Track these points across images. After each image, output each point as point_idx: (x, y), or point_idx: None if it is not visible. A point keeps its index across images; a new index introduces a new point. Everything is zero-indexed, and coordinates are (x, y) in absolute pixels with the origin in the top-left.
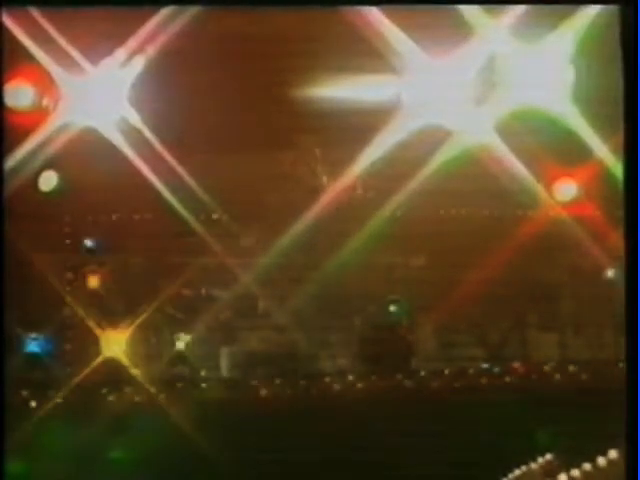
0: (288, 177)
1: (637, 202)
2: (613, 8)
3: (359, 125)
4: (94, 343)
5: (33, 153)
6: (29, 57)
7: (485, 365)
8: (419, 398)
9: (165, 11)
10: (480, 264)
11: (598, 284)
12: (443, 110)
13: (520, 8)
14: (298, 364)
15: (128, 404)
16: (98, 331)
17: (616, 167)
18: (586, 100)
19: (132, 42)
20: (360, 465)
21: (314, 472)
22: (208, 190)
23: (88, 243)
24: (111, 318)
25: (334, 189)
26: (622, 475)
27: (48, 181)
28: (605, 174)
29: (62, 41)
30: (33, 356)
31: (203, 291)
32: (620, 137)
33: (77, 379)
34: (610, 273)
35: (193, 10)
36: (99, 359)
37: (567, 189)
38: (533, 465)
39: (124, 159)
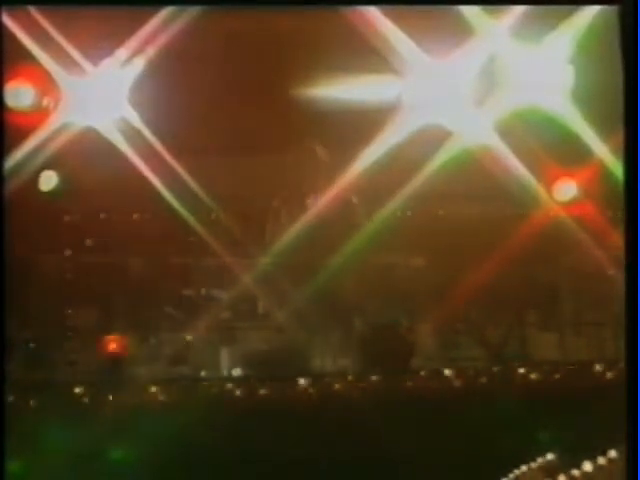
0: (289, 177)
1: (637, 202)
2: (613, 8)
3: (358, 125)
4: (94, 343)
5: (33, 153)
6: (29, 57)
7: (485, 365)
8: (419, 398)
9: (165, 11)
10: (480, 264)
11: (598, 284)
12: (443, 110)
13: (520, 8)
14: (298, 364)
15: (128, 404)
16: (98, 331)
17: (616, 167)
18: (586, 100)
19: (132, 42)
20: (360, 465)
21: (314, 471)
22: (208, 190)
23: (88, 243)
24: (111, 318)
25: (334, 189)
26: (622, 475)
27: (48, 181)
28: (605, 174)
29: (62, 41)
30: (33, 356)
31: (203, 291)
32: (620, 137)
33: (77, 379)
34: (610, 273)
35: (193, 10)
36: (99, 359)
37: (567, 189)
38: (533, 465)
39: (124, 159)
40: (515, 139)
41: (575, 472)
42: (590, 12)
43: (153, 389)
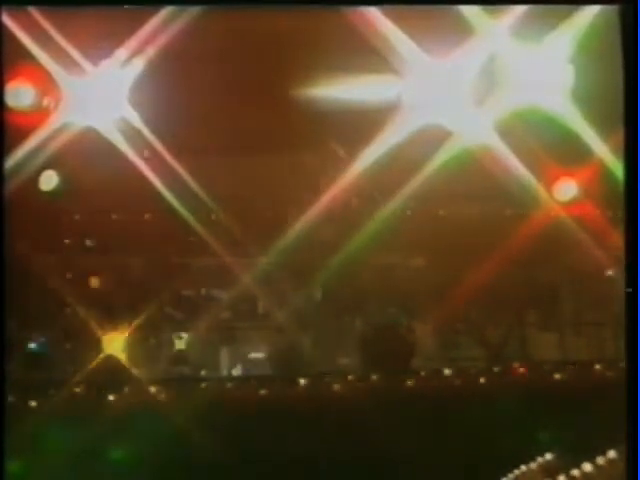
0: (289, 177)
1: (637, 202)
2: (613, 8)
3: (359, 125)
4: (94, 343)
5: (33, 153)
6: (29, 57)
7: (485, 365)
8: (419, 398)
9: (165, 11)
10: (480, 264)
11: (598, 284)
12: (443, 110)
13: (520, 8)
14: (298, 364)
15: (128, 404)
16: (98, 331)
17: (616, 167)
18: (586, 100)
19: (132, 42)
20: (360, 465)
21: (314, 472)
22: (208, 190)
23: (88, 243)
24: (111, 318)
25: (334, 189)
26: (622, 475)
27: (48, 181)
28: (605, 174)
29: (62, 41)
30: (33, 356)
31: (203, 291)
32: (620, 137)
33: (77, 379)
34: (610, 273)
35: (193, 10)
36: (99, 359)
37: (567, 189)
38: (533, 465)
39: (124, 159)
40: (515, 139)
41: (575, 472)
42: (590, 12)
43: (153, 389)
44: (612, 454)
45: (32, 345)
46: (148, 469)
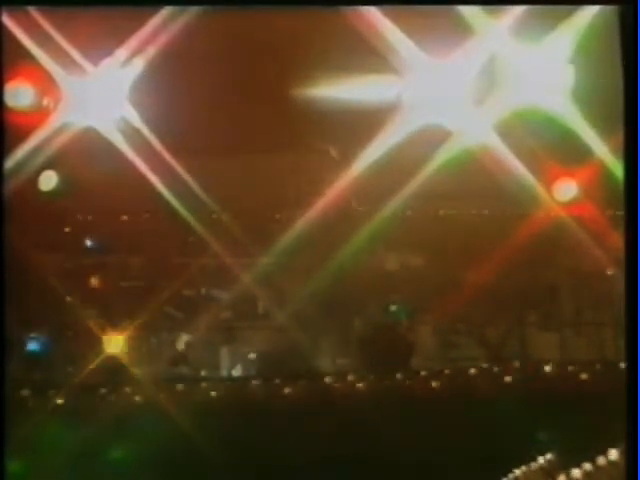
0: (289, 177)
1: (637, 202)
2: (613, 8)
3: (358, 125)
4: (94, 343)
5: (33, 153)
6: (29, 57)
7: (485, 365)
8: (419, 398)
9: (165, 11)
10: (480, 264)
11: (598, 284)
12: (443, 110)
13: (520, 8)
14: (298, 364)
15: (128, 404)
16: (98, 331)
17: (616, 167)
18: (586, 100)
19: (132, 42)
20: (360, 465)
21: (314, 472)
22: (208, 190)
23: (88, 243)
24: (111, 318)
25: (334, 189)
26: (622, 475)
27: (48, 181)
28: (605, 174)
29: (62, 41)
30: (33, 356)
31: (203, 291)
32: (620, 137)
33: (77, 379)
34: (610, 273)
35: (193, 10)
36: (99, 359)
37: (567, 189)
38: (533, 465)
39: (124, 159)
40: (515, 139)
41: (575, 472)
42: (590, 12)
43: (153, 389)
44: (612, 454)
45: (32, 345)
46: (148, 469)
